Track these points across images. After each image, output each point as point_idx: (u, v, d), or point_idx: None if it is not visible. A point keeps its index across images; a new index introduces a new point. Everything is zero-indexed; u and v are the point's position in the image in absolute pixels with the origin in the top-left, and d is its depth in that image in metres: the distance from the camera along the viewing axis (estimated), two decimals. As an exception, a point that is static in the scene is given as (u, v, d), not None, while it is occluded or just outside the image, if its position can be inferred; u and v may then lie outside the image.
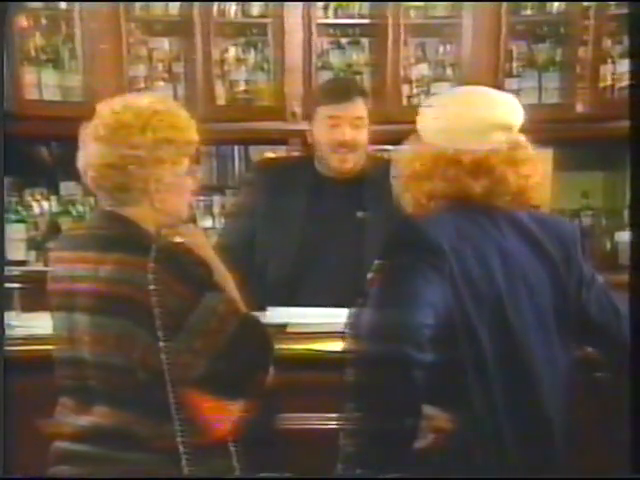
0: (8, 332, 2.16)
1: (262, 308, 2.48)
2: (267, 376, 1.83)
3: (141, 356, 1.74)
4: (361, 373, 1.68)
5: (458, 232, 1.73)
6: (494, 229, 1.79)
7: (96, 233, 1.85)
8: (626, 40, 3.71)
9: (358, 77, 3.92)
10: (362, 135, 2.74)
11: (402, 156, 1.88)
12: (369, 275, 1.87)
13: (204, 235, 1.95)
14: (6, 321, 2.20)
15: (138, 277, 1.73)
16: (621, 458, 1.74)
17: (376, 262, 1.84)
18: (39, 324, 2.09)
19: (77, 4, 3.69)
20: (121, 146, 1.77)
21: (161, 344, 1.73)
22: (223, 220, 3.89)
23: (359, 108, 2.73)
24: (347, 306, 2.44)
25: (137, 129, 1.78)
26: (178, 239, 1.83)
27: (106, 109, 1.82)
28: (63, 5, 3.76)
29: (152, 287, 1.71)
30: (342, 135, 2.70)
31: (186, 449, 1.75)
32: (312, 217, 2.75)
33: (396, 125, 2.83)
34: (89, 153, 1.79)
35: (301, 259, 2.75)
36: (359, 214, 2.74)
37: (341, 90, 2.81)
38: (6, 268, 3.46)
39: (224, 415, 1.80)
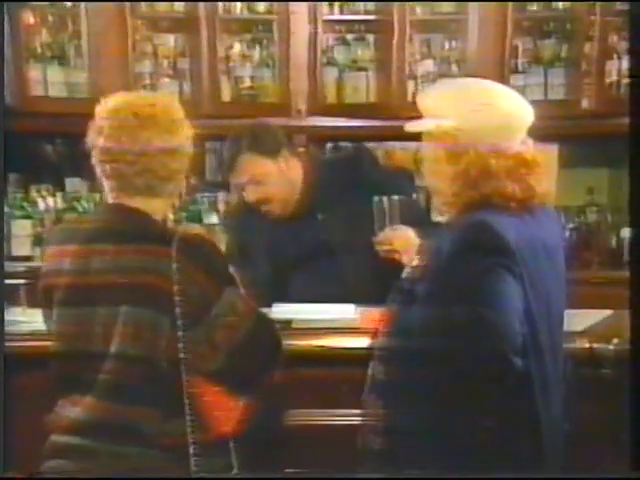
0: (14, 328, 2.16)
1: (268, 304, 2.48)
2: (276, 373, 1.86)
3: (166, 345, 1.75)
4: (432, 370, 1.68)
5: (518, 233, 1.71)
6: (537, 227, 1.78)
7: (108, 226, 1.85)
8: (633, 36, 3.70)
9: (364, 73, 3.91)
10: (267, 189, 2.66)
11: (429, 155, 1.85)
12: (408, 272, 1.86)
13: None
14: (12, 317, 2.20)
15: (161, 266, 1.74)
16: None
17: (416, 261, 1.83)
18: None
19: (83, 1, 3.69)
20: (178, 134, 1.83)
21: (180, 333, 1.74)
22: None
23: (245, 170, 2.65)
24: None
25: (181, 119, 1.86)
26: (196, 231, 1.86)
27: (138, 101, 1.86)
28: (69, 2, 3.75)
29: (175, 276, 1.73)
30: (247, 197, 2.69)
31: (194, 444, 1.75)
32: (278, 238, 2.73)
33: (401, 121, 2.82)
34: (143, 141, 1.80)
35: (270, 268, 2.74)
36: (319, 216, 2.72)
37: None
38: (12, 264, 3.49)
39: (232, 411, 1.80)
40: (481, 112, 1.78)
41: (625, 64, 3.75)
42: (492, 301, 1.62)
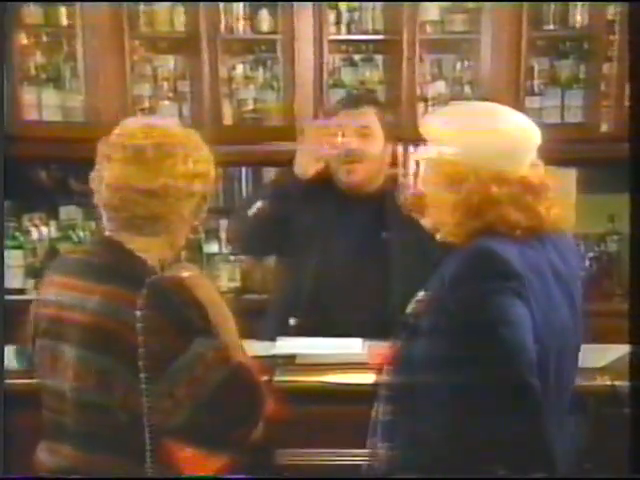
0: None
1: (272, 338, 2.49)
2: (253, 432, 1.78)
3: (123, 396, 1.72)
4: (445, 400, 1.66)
5: (523, 257, 1.72)
6: (546, 253, 1.79)
7: (89, 260, 1.84)
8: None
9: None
10: (371, 146, 2.77)
11: (427, 180, 1.86)
12: (412, 307, 1.85)
13: (205, 277, 1.91)
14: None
15: (126, 312, 1.70)
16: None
17: (421, 294, 1.83)
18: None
19: (79, 21, 3.72)
20: (166, 174, 1.77)
21: (143, 386, 1.70)
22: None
23: (365, 116, 2.78)
24: (369, 333, 2.46)
25: (181, 158, 1.79)
26: (184, 273, 1.81)
27: (146, 130, 1.80)
28: (64, 22, 3.78)
29: (139, 325, 1.69)
30: (348, 143, 2.74)
31: None
32: (334, 238, 2.76)
33: (412, 145, 2.83)
34: (125, 174, 1.77)
35: (323, 281, 2.75)
36: (383, 235, 2.74)
37: (348, 99, 2.98)
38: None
39: (201, 467, 1.75)
40: (483, 137, 1.79)
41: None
42: (503, 322, 1.62)
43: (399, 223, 2.59)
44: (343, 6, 3.91)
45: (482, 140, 1.78)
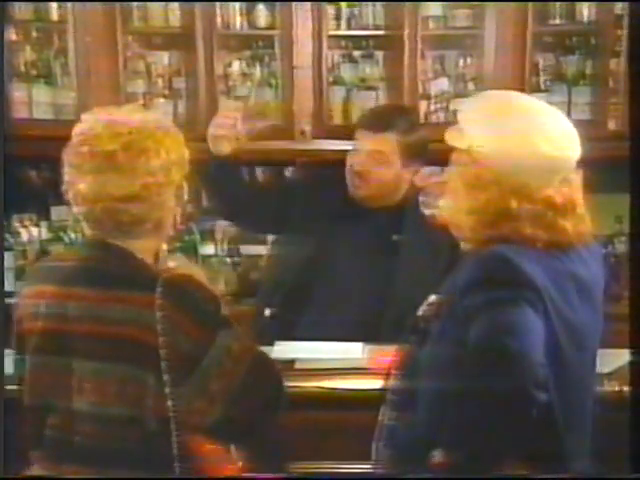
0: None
1: (270, 343, 2.49)
2: (278, 418, 1.80)
3: (152, 404, 1.70)
4: (453, 410, 1.65)
5: (545, 270, 1.71)
6: (569, 262, 1.78)
7: (90, 266, 1.79)
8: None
9: (373, 93, 3.92)
10: (381, 171, 2.75)
11: (450, 176, 1.85)
12: (424, 310, 1.86)
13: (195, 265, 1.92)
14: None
15: (146, 316, 1.68)
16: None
17: (433, 297, 1.83)
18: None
19: (70, 16, 3.72)
20: (143, 173, 1.73)
21: (167, 390, 1.68)
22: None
23: (382, 143, 2.75)
24: (369, 335, 2.47)
25: (153, 152, 1.75)
26: (171, 264, 1.80)
27: (112, 129, 1.76)
28: (55, 17, 3.78)
29: (160, 327, 1.67)
30: (355, 164, 2.76)
31: None
32: (336, 238, 2.79)
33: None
34: (100, 185, 1.73)
35: (324, 281, 2.77)
36: (395, 237, 2.76)
37: (371, 118, 2.88)
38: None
39: (225, 464, 1.77)
40: (517, 147, 1.74)
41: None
42: (510, 332, 1.61)
43: (413, 228, 2.61)
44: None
45: (515, 151, 1.73)
